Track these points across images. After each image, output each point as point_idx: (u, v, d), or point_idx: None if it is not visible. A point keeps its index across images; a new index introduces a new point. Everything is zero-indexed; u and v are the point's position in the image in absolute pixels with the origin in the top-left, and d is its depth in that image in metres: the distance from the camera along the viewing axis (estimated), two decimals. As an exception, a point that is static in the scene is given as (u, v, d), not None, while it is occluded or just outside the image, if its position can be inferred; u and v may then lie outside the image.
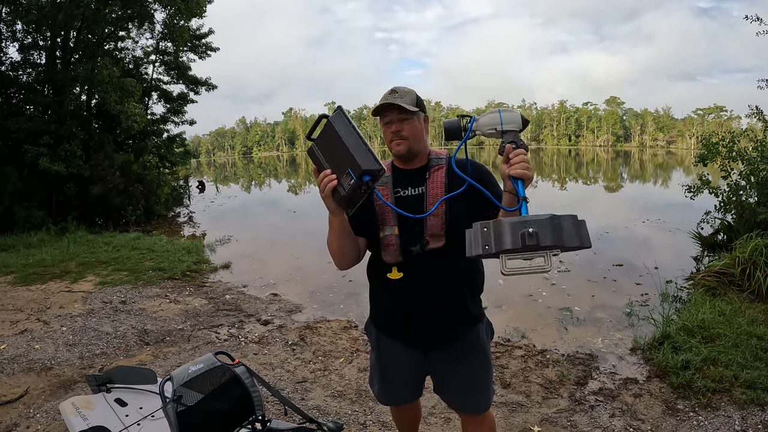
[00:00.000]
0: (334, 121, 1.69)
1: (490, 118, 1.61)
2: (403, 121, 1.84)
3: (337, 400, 3.67)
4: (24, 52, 13.41)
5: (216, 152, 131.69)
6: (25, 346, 4.74)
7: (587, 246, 1.29)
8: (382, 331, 2.10)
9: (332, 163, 1.70)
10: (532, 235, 1.26)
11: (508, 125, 1.59)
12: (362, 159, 1.64)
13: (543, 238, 1.27)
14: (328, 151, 1.73)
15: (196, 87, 18.29)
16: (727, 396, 3.46)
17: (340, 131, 1.67)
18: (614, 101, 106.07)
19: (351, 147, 1.65)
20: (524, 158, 1.54)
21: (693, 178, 9.26)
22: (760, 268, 5.65)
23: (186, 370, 1.95)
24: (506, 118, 1.60)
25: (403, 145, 1.86)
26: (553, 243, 1.27)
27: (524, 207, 1.48)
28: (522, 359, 4.31)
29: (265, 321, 5.49)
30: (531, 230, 1.26)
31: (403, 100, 1.82)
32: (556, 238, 1.27)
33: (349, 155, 1.66)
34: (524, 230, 1.27)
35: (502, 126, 1.59)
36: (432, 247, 1.84)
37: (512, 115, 1.60)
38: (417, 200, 1.88)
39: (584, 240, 1.29)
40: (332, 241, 1.88)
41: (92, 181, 13.13)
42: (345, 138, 1.66)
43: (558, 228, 1.28)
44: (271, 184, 36.61)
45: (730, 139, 8.14)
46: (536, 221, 1.29)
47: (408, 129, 1.85)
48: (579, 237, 1.29)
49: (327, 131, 1.71)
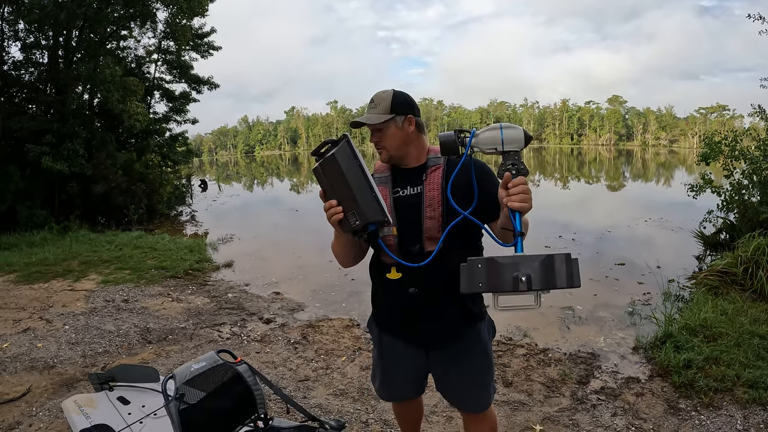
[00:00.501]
0: (338, 156, 1.64)
1: (490, 136, 1.54)
2: (378, 131, 1.85)
3: (339, 398, 3.68)
4: (26, 52, 13.42)
5: (218, 151, 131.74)
6: (27, 345, 4.75)
7: (577, 286, 1.34)
8: (383, 329, 2.10)
9: (338, 196, 1.68)
10: (524, 281, 1.31)
11: (510, 145, 1.52)
12: (368, 207, 1.62)
13: (535, 283, 1.31)
14: (333, 182, 1.69)
15: (198, 86, 18.28)
16: (729, 395, 3.46)
17: (346, 170, 1.63)
18: (617, 100, 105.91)
19: (356, 191, 1.63)
20: (524, 188, 1.48)
21: (695, 177, 9.24)
22: (762, 268, 5.64)
23: (188, 369, 1.96)
24: (508, 137, 1.52)
25: (384, 154, 1.90)
26: (544, 286, 1.32)
27: (520, 244, 1.46)
28: (524, 358, 4.31)
29: (268, 319, 5.50)
30: (524, 277, 1.31)
31: (376, 110, 1.82)
32: (547, 281, 1.32)
33: (353, 199, 1.64)
34: (517, 274, 1.31)
35: (503, 146, 1.52)
36: (429, 249, 1.82)
37: (514, 133, 1.52)
38: (414, 200, 1.86)
39: (574, 280, 1.34)
40: (337, 248, 1.91)
41: (95, 180, 13.14)
42: (350, 179, 1.63)
43: (550, 270, 1.32)
44: (274, 183, 36.63)
45: (732, 138, 8.12)
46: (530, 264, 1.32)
47: (385, 139, 1.86)
48: (569, 277, 1.34)
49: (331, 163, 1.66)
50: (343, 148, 1.64)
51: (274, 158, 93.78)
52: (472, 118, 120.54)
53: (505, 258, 1.35)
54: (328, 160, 1.67)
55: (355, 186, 1.62)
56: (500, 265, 1.34)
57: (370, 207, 1.63)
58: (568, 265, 1.34)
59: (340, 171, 1.64)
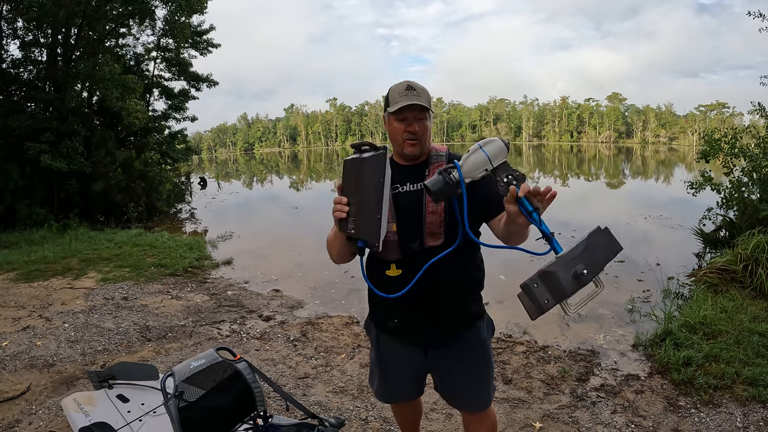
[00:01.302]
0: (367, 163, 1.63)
1: (476, 160, 1.51)
2: (420, 120, 1.80)
3: (338, 395, 3.68)
4: (25, 50, 13.39)
5: (217, 148, 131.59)
6: (27, 343, 4.75)
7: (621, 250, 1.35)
8: (381, 329, 2.08)
9: (351, 196, 1.68)
10: (586, 273, 1.28)
11: (498, 159, 1.50)
12: (368, 227, 1.62)
13: (593, 269, 1.29)
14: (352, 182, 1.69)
15: (198, 83, 18.24)
16: (728, 393, 3.46)
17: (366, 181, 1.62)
18: (616, 97, 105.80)
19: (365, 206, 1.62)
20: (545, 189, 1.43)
21: (695, 175, 9.22)
22: (762, 265, 5.63)
23: (188, 366, 1.95)
24: (492, 153, 1.49)
25: (417, 147, 1.83)
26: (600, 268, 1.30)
27: (557, 244, 1.41)
28: (523, 355, 4.31)
29: (267, 317, 5.50)
30: (585, 270, 1.28)
31: (420, 99, 1.77)
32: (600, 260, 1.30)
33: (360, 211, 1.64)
34: (576, 270, 1.28)
35: (492, 163, 1.50)
36: (430, 245, 1.81)
37: (496, 146, 1.50)
38: (416, 196, 1.84)
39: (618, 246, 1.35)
40: (333, 243, 1.87)
41: (94, 177, 13.12)
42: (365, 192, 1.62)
43: (596, 249, 1.31)
44: (273, 181, 36.59)
45: (732, 135, 8.11)
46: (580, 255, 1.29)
47: (422, 129, 1.81)
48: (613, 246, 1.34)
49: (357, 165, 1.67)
50: (378, 158, 1.61)
51: (273, 156, 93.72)
52: (471, 115, 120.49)
53: (555, 264, 1.31)
54: (360, 161, 1.66)
55: (367, 202, 1.61)
56: (554, 273, 1.29)
57: (368, 226, 1.62)
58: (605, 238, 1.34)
59: (362, 178, 1.64)
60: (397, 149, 1.89)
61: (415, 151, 1.84)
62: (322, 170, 43.83)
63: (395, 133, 1.84)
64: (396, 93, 1.80)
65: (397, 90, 1.80)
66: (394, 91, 1.81)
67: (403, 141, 1.83)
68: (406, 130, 1.81)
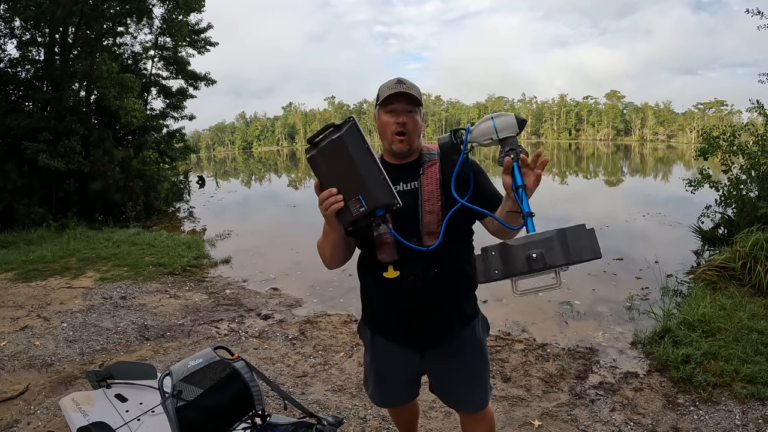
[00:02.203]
0: (346, 138, 1.56)
1: (484, 128, 1.54)
2: (409, 113, 1.78)
3: (337, 394, 3.68)
4: (22, 49, 13.38)
5: (216, 147, 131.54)
6: (25, 343, 4.74)
7: (597, 257, 1.27)
8: (376, 332, 2.05)
9: (339, 183, 1.60)
10: (537, 258, 1.24)
11: (504, 132, 1.51)
12: (378, 191, 1.57)
13: (550, 259, 1.25)
14: (335, 168, 1.60)
15: (196, 82, 18.22)
16: (727, 390, 3.46)
17: (354, 152, 1.56)
18: (614, 95, 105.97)
19: (365, 173, 1.56)
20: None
21: (693, 172, 9.24)
22: (760, 263, 5.63)
23: (185, 365, 1.95)
24: (500, 125, 1.52)
25: (405, 143, 1.80)
26: (561, 261, 1.25)
27: (530, 223, 1.41)
28: (522, 353, 4.31)
29: (266, 315, 5.50)
30: (535, 254, 1.25)
31: (410, 90, 1.76)
32: (563, 256, 1.25)
33: (362, 182, 1.57)
34: (529, 253, 1.25)
35: (498, 135, 1.52)
36: (428, 245, 1.76)
37: (506, 120, 1.52)
38: (411, 196, 1.80)
39: (594, 251, 1.27)
40: (325, 247, 1.85)
41: (92, 177, 13.11)
42: (358, 161, 1.56)
43: (564, 244, 1.26)
44: (271, 179, 36.58)
45: (730, 133, 8.11)
46: (542, 240, 1.26)
47: (411, 123, 1.79)
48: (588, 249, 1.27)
49: (336, 146, 1.58)
50: (351, 130, 1.56)
51: (271, 154, 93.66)
52: (470, 113, 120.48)
53: (518, 239, 1.30)
54: (333, 143, 1.58)
55: (365, 169, 1.56)
56: (513, 247, 1.29)
57: (381, 189, 1.57)
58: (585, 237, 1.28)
59: (348, 154, 1.56)
60: (387, 146, 1.87)
61: (404, 148, 1.81)
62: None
63: (384, 127, 1.81)
64: (386, 87, 1.79)
65: (387, 84, 1.80)
66: (384, 86, 1.81)
67: (392, 135, 1.80)
68: (395, 122, 1.78)
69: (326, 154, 1.61)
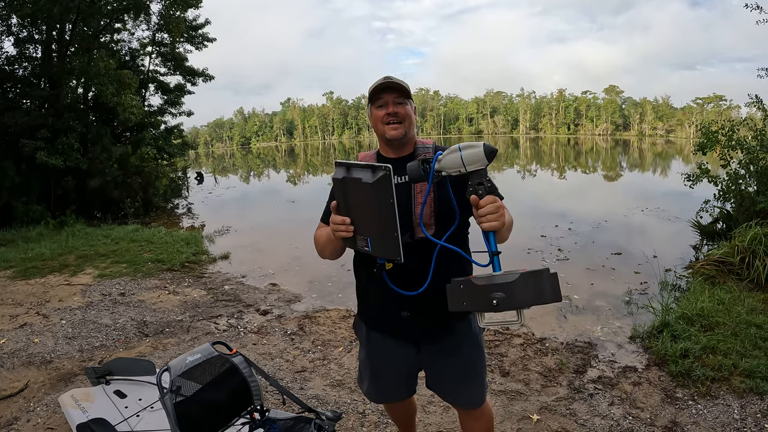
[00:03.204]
0: (375, 187, 1.58)
1: (451, 160, 1.55)
2: (399, 104, 1.81)
3: (336, 389, 3.68)
4: (19, 46, 13.31)
5: (214, 143, 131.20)
6: (24, 340, 4.74)
7: (558, 300, 1.37)
8: (372, 327, 2.05)
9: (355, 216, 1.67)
10: (499, 303, 1.34)
11: (472, 165, 1.52)
12: (387, 245, 1.63)
13: (512, 302, 1.34)
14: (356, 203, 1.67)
15: (193, 78, 18.15)
16: (726, 385, 3.47)
17: (378, 202, 1.59)
18: (613, 90, 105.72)
19: (381, 226, 1.62)
20: (492, 208, 1.48)
21: (692, 167, 9.24)
22: (759, 257, 5.64)
23: (183, 361, 1.95)
24: (468, 158, 1.52)
25: (400, 129, 1.82)
26: (522, 304, 1.35)
27: (497, 263, 1.49)
28: (521, 347, 4.32)
29: (264, 311, 5.50)
30: (496, 300, 1.34)
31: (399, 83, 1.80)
32: (525, 299, 1.34)
33: (375, 230, 1.64)
34: (492, 295, 1.35)
35: (465, 168, 1.53)
36: (421, 236, 1.78)
37: (474, 153, 1.51)
38: (404, 189, 1.81)
39: (554, 296, 1.36)
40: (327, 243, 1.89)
41: (90, 174, 13.08)
42: (379, 212, 1.61)
43: (527, 288, 1.34)
44: (270, 175, 36.54)
45: (729, 128, 8.11)
46: (504, 285, 1.34)
47: (404, 112, 1.81)
48: (549, 293, 1.36)
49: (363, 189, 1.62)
50: (383, 181, 1.57)
51: (270, 150, 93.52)
52: (468, 108, 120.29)
53: (481, 279, 1.40)
54: (363, 184, 1.61)
55: (383, 221, 1.61)
56: (477, 287, 1.39)
57: (389, 244, 1.63)
58: (547, 282, 1.36)
59: (372, 200, 1.61)
60: (381, 139, 1.89)
61: (398, 135, 1.82)
62: (319, 164, 43.75)
63: (376, 121, 1.85)
64: (374, 84, 1.83)
65: (376, 82, 1.84)
66: (373, 84, 1.84)
67: (384, 126, 1.82)
68: (386, 113, 1.81)
69: (353, 188, 1.66)
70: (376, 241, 1.64)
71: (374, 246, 1.65)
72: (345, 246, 1.80)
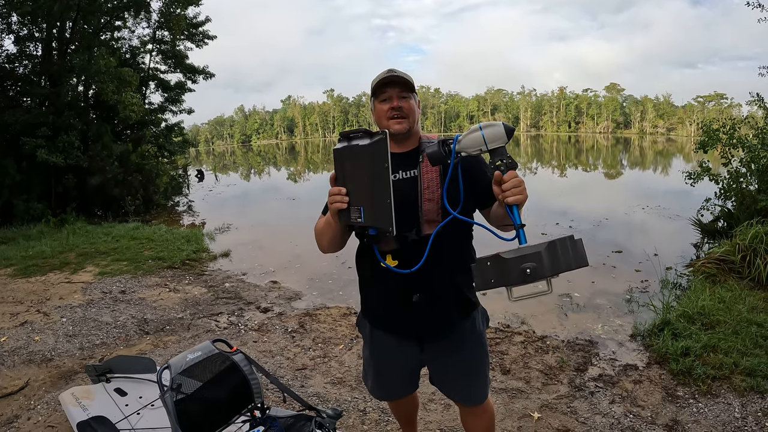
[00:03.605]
0: (373, 149, 1.59)
1: (472, 139, 1.55)
2: (403, 98, 1.79)
3: (336, 387, 3.68)
4: (20, 44, 13.31)
5: (215, 141, 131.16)
6: (25, 338, 4.74)
7: (585, 265, 1.39)
8: (375, 324, 2.04)
9: (351, 186, 1.66)
10: (530, 273, 1.35)
11: (493, 143, 1.53)
12: (378, 213, 1.61)
13: (542, 271, 1.35)
14: (352, 171, 1.66)
15: (194, 75, 18.15)
16: (726, 383, 3.47)
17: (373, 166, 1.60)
18: (614, 88, 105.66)
19: (374, 191, 1.60)
20: (516, 182, 1.48)
21: (693, 165, 9.23)
22: (760, 256, 5.64)
23: (184, 359, 1.95)
24: (489, 136, 1.52)
25: (404, 124, 1.80)
26: (552, 272, 1.36)
27: (522, 235, 1.49)
28: (522, 345, 4.31)
29: (265, 308, 5.50)
30: (529, 269, 1.35)
31: (403, 76, 1.78)
32: (554, 267, 1.36)
33: (368, 196, 1.62)
34: (523, 266, 1.36)
35: (487, 146, 1.54)
36: (428, 233, 1.75)
37: (495, 131, 1.52)
38: (410, 184, 1.80)
39: (581, 261, 1.39)
40: (323, 231, 1.86)
41: (91, 171, 13.09)
42: (373, 176, 1.60)
43: (555, 256, 1.36)
44: (271, 172, 36.54)
45: (730, 126, 8.10)
46: (534, 254, 1.36)
47: (408, 107, 1.80)
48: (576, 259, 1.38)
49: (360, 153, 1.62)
50: (380, 144, 1.58)
51: (270, 147, 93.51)
52: (469, 105, 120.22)
53: (510, 252, 1.40)
54: (359, 149, 1.62)
55: (376, 186, 1.60)
56: (506, 260, 1.39)
57: (381, 212, 1.60)
58: (572, 247, 1.37)
59: (367, 165, 1.61)
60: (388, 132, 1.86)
61: (402, 129, 1.80)
62: (319, 161, 43.74)
63: (380, 116, 1.83)
64: (377, 78, 1.80)
65: (379, 75, 1.81)
66: (376, 77, 1.81)
67: (388, 120, 1.80)
68: (390, 107, 1.79)
69: (350, 155, 1.66)
70: (368, 209, 1.62)
71: (366, 215, 1.63)
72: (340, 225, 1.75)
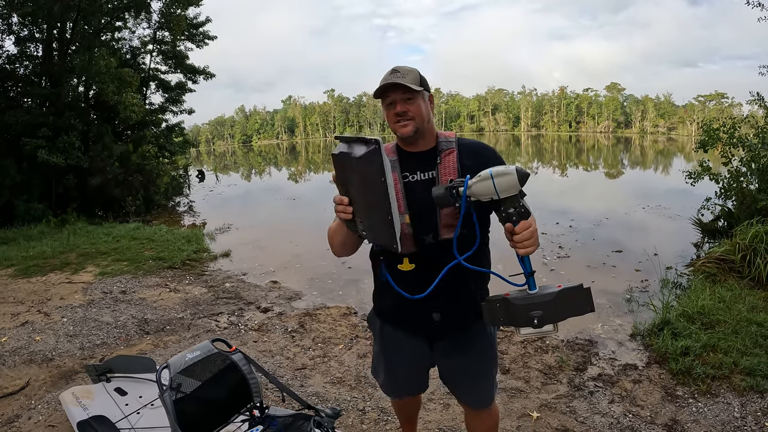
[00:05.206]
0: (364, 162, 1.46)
1: (484, 187, 1.49)
2: (408, 101, 1.72)
3: (336, 386, 3.68)
4: (20, 45, 13.33)
5: (215, 141, 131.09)
6: (26, 338, 4.75)
7: (591, 312, 1.47)
8: (387, 323, 2.03)
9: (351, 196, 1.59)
10: (537, 322, 1.43)
11: (505, 192, 1.48)
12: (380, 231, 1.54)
13: (548, 319, 1.43)
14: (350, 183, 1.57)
15: (195, 76, 18.16)
16: (726, 383, 3.47)
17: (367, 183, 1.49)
18: (615, 87, 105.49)
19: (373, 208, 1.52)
20: (527, 234, 1.47)
21: (694, 165, 9.22)
22: (760, 255, 5.64)
23: (183, 358, 1.95)
24: (501, 185, 1.47)
25: (410, 126, 1.74)
26: (558, 319, 1.44)
27: (533, 282, 1.52)
28: (521, 345, 4.31)
29: (265, 308, 5.50)
30: (537, 318, 1.43)
31: (405, 80, 1.70)
32: (561, 314, 1.43)
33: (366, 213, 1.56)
34: (531, 314, 1.43)
35: (498, 195, 1.49)
36: (445, 237, 1.72)
37: (507, 181, 1.47)
38: (427, 186, 1.71)
39: (588, 307, 1.45)
40: (336, 235, 1.83)
41: (91, 172, 13.11)
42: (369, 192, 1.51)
43: (562, 305, 1.43)
44: (271, 173, 36.55)
45: (731, 125, 8.10)
46: (543, 303, 1.43)
47: (413, 109, 1.73)
48: (584, 306, 1.45)
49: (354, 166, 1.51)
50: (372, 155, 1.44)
51: (271, 147, 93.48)
52: (470, 105, 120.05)
53: (519, 298, 1.46)
54: (354, 160, 1.50)
55: (374, 204, 1.51)
56: (515, 306, 1.45)
57: (382, 231, 1.52)
58: (579, 296, 1.43)
59: (362, 181, 1.52)
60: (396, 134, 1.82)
61: (408, 132, 1.74)
62: (320, 161, 43.74)
63: (388, 119, 1.79)
64: (382, 80, 1.75)
65: (383, 77, 1.76)
66: (381, 80, 1.76)
67: (395, 124, 1.76)
68: (394, 113, 1.74)
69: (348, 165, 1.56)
70: (369, 227, 1.57)
71: (368, 232, 1.58)
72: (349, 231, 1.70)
